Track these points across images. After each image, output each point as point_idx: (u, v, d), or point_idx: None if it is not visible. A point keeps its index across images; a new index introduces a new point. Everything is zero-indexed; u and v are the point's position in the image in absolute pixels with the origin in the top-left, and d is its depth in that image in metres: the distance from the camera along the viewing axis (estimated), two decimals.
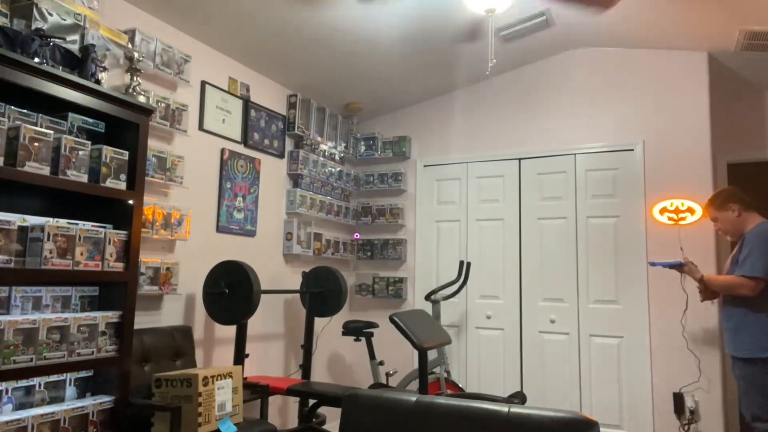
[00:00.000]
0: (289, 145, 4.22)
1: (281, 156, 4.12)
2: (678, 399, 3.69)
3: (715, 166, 4.20)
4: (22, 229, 2.04)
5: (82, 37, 2.42)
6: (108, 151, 2.32)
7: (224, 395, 2.63)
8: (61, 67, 2.21)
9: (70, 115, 2.32)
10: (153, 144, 3.05)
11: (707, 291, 3.14)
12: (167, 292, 3.03)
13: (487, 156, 4.52)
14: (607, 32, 3.91)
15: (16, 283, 2.09)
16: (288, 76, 4.05)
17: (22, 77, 1.99)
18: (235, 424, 2.64)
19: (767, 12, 3.27)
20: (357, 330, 3.96)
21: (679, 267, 3.21)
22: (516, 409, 1.50)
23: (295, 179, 4.23)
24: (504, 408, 1.52)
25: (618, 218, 4.04)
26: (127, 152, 2.41)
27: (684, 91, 3.92)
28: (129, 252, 2.37)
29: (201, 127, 3.42)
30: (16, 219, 2.03)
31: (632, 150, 4.03)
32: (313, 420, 3.49)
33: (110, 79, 2.77)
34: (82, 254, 2.18)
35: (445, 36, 3.70)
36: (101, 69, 2.39)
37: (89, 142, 2.26)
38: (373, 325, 3.99)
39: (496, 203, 4.46)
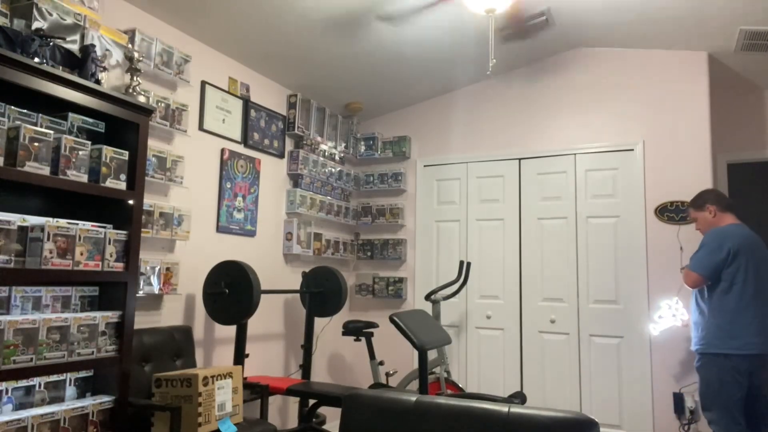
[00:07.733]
0: (289, 145, 4.22)
1: (281, 156, 4.12)
2: (678, 399, 3.69)
3: (715, 166, 4.20)
4: (22, 229, 2.04)
5: (82, 37, 2.42)
6: (108, 151, 2.32)
7: (224, 395, 2.63)
8: (61, 67, 2.21)
9: (70, 115, 2.32)
10: (153, 144, 3.04)
11: None
12: (167, 292, 3.03)
13: (487, 156, 4.52)
14: (607, 32, 3.90)
15: (16, 283, 2.09)
16: (288, 76, 4.05)
17: (22, 77, 1.99)
18: (235, 424, 2.64)
19: (767, 12, 3.27)
20: (357, 330, 3.96)
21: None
22: (516, 409, 1.50)
23: (295, 179, 4.23)
24: (504, 408, 1.52)
25: (618, 218, 4.04)
26: (127, 152, 2.40)
27: (684, 91, 3.92)
28: (129, 252, 2.37)
29: (201, 127, 3.42)
30: (16, 219, 2.03)
31: (632, 150, 4.02)
32: (313, 420, 3.49)
33: (110, 79, 2.77)
34: (82, 254, 2.18)
35: (445, 36, 3.70)
36: (101, 69, 2.39)
37: (89, 142, 2.25)
38: (373, 325, 3.99)
39: (496, 203, 4.46)
